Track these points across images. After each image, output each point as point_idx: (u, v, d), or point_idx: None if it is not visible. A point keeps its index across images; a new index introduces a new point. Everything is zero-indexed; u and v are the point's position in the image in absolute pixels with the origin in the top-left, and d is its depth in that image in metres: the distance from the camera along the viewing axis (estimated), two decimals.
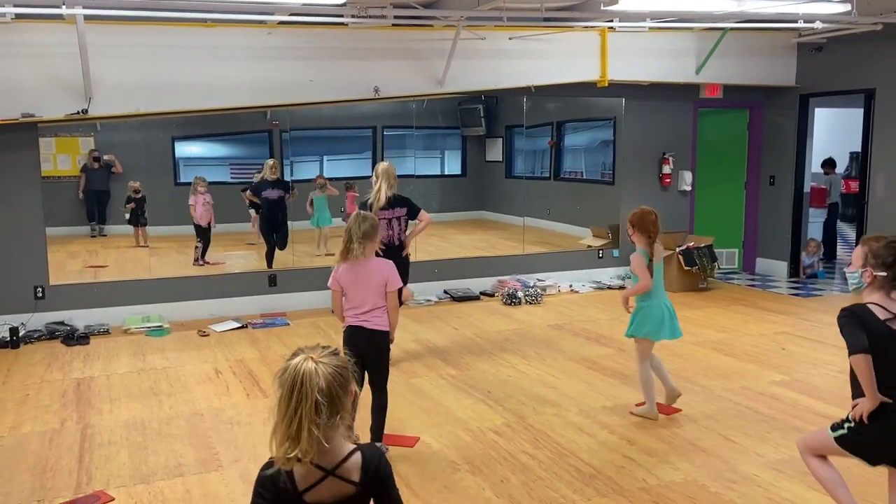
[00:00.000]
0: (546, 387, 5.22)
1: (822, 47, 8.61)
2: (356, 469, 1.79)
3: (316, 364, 1.74)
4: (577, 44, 7.99)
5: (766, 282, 8.98)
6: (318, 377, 1.72)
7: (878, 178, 8.15)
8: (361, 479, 1.79)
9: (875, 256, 2.69)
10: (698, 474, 3.83)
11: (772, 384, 5.22)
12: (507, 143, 9.74)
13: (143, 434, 4.44)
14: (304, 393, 1.70)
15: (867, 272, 2.70)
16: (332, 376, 1.74)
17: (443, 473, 3.86)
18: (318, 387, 1.71)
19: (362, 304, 3.92)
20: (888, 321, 2.65)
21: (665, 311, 4.47)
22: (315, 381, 1.71)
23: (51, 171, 7.13)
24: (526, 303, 7.81)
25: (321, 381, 1.72)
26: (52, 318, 6.77)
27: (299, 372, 1.72)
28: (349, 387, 1.79)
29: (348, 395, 1.79)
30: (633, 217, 4.50)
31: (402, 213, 5.54)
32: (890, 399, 2.64)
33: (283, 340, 6.47)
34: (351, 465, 1.79)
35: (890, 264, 2.66)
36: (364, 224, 3.91)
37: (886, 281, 2.68)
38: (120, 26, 6.46)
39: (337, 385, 1.75)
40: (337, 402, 1.75)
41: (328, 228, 8.57)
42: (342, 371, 1.77)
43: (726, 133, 9.56)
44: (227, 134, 8.68)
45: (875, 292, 2.70)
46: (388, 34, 7.37)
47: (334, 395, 1.74)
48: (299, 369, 1.73)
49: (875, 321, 2.65)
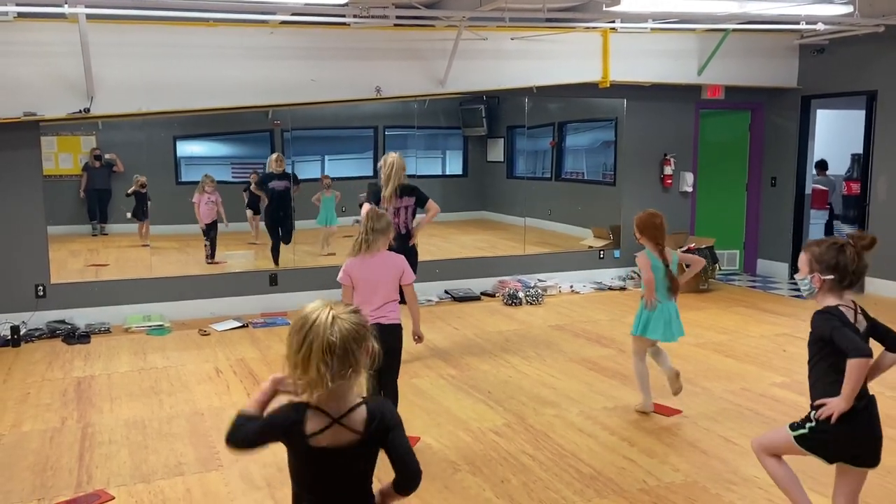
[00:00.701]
0: (546, 387, 5.22)
1: (824, 49, 8.61)
2: (360, 420, 1.86)
3: (333, 317, 1.80)
4: (578, 44, 7.99)
5: (766, 283, 8.97)
6: (332, 328, 1.78)
7: (880, 179, 8.15)
8: (364, 430, 1.86)
9: (819, 261, 2.70)
10: (699, 476, 3.83)
11: (773, 386, 5.22)
12: (508, 144, 9.74)
13: (144, 433, 4.44)
14: (316, 333, 1.77)
15: (815, 277, 2.71)
16: (347, 331, 1.79)
17: (443, 474, 3.86)
18: (330, 333, 1.77)
19: (373, 299, 3.87)
20: (854, 324, 2.67)
21: (670, 314, 4.48)
22: (326, 327, 1.77)
23: (52, 169, 7.14)
24: (527, 303, 7.82)
25: (335, 332, 1.78)
26: (53, 316, 6.78)
27: (313, 315, 1.80)
28: (366, 344, 1.84)
29: (363, 353, 1.84)
30: (638, 221, 4.49)
31: (411, 202, 5.59)
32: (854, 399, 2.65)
33: (283, 340, 6.42)
34: (356, 416, 1.86)
35: (834, 266, 2.67)
36: (378, 222, 3.93)
37: (835, 283, 2.68)
38: (122, 25, 6.46)
39: (352, 339, 1.80)
40: (350, 357, 1.80)
41: (334, 228, 8.62)
42: (359, 329, 1.82)
43: (728, 134, 9.56)
44: (229, 133, 8.69)
45: (828, 296, 2.71)
46: (389, 34, 7.38)
47: (348, 349, 1.79)
48: (314, 314, 1.80)
49: (847, 323, 2.65)
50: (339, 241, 8.72)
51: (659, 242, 4.42)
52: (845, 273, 2.66)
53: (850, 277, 2.67)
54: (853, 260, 2.66)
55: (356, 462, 1.90)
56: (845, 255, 2.66)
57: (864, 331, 2.69)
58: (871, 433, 2.72)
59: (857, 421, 2.66)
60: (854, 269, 2.66)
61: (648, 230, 4.43)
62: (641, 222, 4.47)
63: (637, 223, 4.50)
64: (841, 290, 2.70)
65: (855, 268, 2.66)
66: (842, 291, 2.70)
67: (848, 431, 2.67)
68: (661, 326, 4.48)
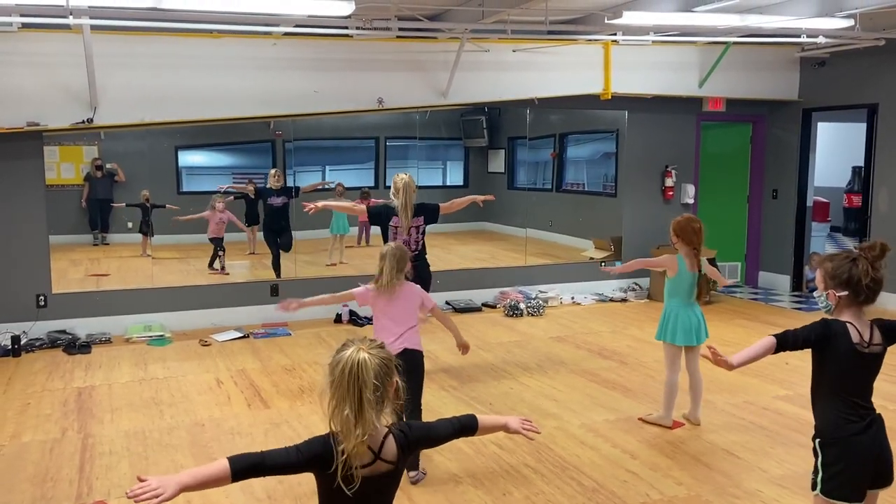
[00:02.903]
0: (548, 399, 5.20)
1: (825, 62, 8.64)
2: (392, 451, 2.03)
3: (367, 354, 1.95)
4: (580, 57, 8.02)
5: (768, 295, 8.97)
6: (370, 366, 1.94)
7: (881, 192, 8.15)
8: (398, 458, 2.04)
9: (832, 277, 2.64)
10: (702, 489, 3.82)
11: (775, 399, 5.20)
12: (509, 155, 9.76)
13: (144, 444, 4.42)
14: (364, 380, 1.92)
15: (831, 294, 2.65)
16: (378, 367, 1.95)
17: (445, 487, 3.85)
18: (374, 373, 1.93)
19: (394, 329, 3.93)
20: (857, 345, 2.60)
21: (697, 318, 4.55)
22: (370, 368, 1.93)
23: (54, 179, 7.15)
24: (528, 314, 7.80)
25: (372, 369, 1.94)
26: (53, 326, 6.77)
27: (356, 361, 1.93)
28: (393, 378, 2.00)
29: (390, 386, 2.00)
30: (675, 225, 4.52)
31: (421, 220, 5.59)
32: (854, 418, 2.60)
33: (284, 351, 6.46)
34: (388, 448, 2.02)
35: (846, 281, 2.60)
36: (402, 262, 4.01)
37: (850, 299, 2.62)
38: (126, 36, 6.49)
39: (383, 374, 1.96)
40: (382, 391, 1.96)
41: (346, 237, 8.65)
42: (388, 363, 1.99)
43: (729, 146, 9.58)
44: (231, 143, 8.71)
45: (845, 311, 2.65)
46: (392, 46, 7.40)
47: (382, 383, 1.96)
48: (355, 359, 1.93)
49: (845, 340, 2.60)
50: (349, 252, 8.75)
51: (695, 247, 4.46)
52: (859, 288, 2.59)
53: (865, 292, 2.59)
54: (866, 273, 2.58)
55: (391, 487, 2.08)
56: (858, 269, 2.59)
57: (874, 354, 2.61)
58: (879, 453, 2.64)
59: (862, 443, 2.60)
60: (868, 282, 2.58)
61: (686, 234, 4.47)
62: (679, 226, 4.50)
63: (674, 226, 4.52)
64: (858, 306, 2.63)
65: (869, 281, 2.58)
66: (859, 307, 2.63)
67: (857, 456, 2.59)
68: (682, 331, 4.52)
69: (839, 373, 2.62)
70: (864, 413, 2.62)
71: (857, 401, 2.63)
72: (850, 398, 2.62)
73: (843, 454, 2.60)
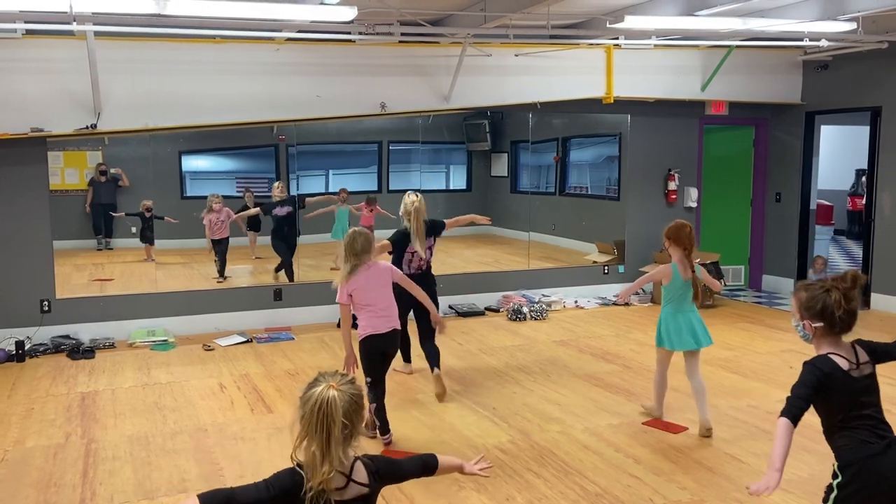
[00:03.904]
0: (551, 403, 5.20)
1: (828, 65, 8.63)
2: (363, 474, 2.09)
3: (337, 391, 1.99)
4: (582, 61, 8.02)
5: (772, 299, 8.95)
6: (339, 404, 1.97)
7: (885, 195, 8.14)
8: (370, 482, 2.10)
9: (806, 309, 2.59)
10: (705, 494, 3.81)
11: (779, 403, 5.08)
12: (512, 159, 9.77)
13: (148, 449, 4.43)
14: (333, 418, 1.96)
15: (806, 324, 2.60)
16: (348, 404, 1.99)
17: (448, 491, 3.84)
18: (343, 411, 1.97)
19: (377, 301, 4.23)
20: (849, 371, 2.55)
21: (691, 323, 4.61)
22: (339, 407, 1.97)
23: (58, 184, 7.18)
24: (531, 318, 7.80)
25: (341, 407, 1.97)
26: (57, 331, 6.78)
27: (325, 399, 1.97)
28: (362, 412, 2.05)
29: (360, 421, 2.05)
30: (668, 230, 4.67)
31: (433, 241, 5.53)
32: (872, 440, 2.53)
33: (287, 355, 6.46)
34: (358, 471, 2.08)
35: (819, 312, 2.54)
36: (355, 245, 4.24)
37: (826, 329, 2.56)
38: (129, 42, 6.51)
39: (352, 411, 2.00)
40: (350, 426, 2.00)
41: None
42: (358, 399, 2.03)
43: (732, 150, 9.57)
44: (234, 148, 8.73)
45: (822, 342, 2.60)
46: (395, 50, 7.42)
47: (350, 420, 2.00)
48: (324, 397, 1.97)
49: (838, 372, 2.54)
50: None
51: (687, 248, 4.60)
52: (833, 319, 2.53)
53: (839, 324, 2.54)
54: (839, 304, 2.51)
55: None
56: (830, 300, 2.52)
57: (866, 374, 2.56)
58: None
59: (881, 465, 2.51)
60: (841, 314, 2.52)
61: (678, 237, 4.60)
62: (671, 231, 4.65)
63: (666, 232, 4.67)
64: (836, 336, 2.57)
65: (842, 313, 2.52)
66: (837, 337, 2.58)
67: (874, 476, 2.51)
68: (679, 337, 4.59)
69: (844, 403, 2.56)
70: (881, 434, 2.55)
71: (871, 423, 2.56)
72: (862, 423, 2.55)
73: (860, 474, 2.52)
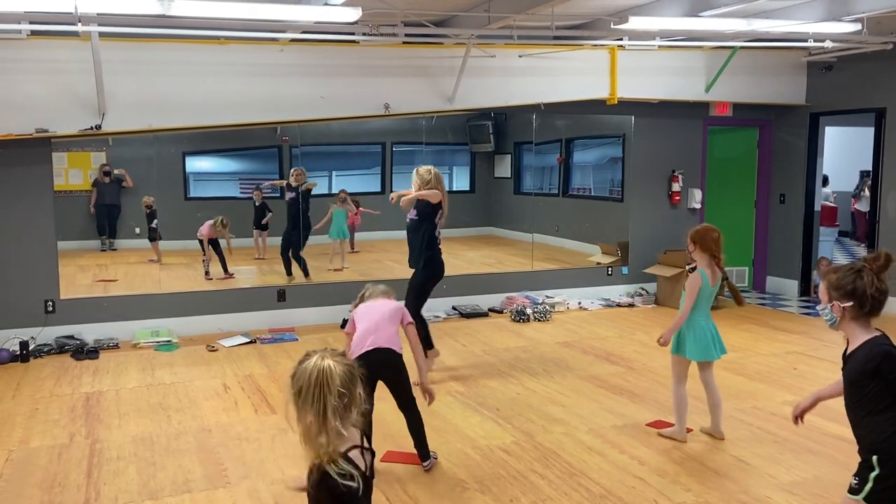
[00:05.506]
0: (555, 405, 5.19)
1: (833, 66, 8.62)
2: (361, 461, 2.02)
3: (332, 360, 1.94)
4: (586, 62, 8.02)
5: (776, 300, 8.93)
6: (336, 372, 1.92)
7: (889, 196, 8.12)
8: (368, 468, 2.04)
9: (837, 289, 2.57)
10: (710, 496, 3.80)
11: (784, 405, 5.17)
12: (515, 160, 9.77)
13: (152, 449, 4.43)
14: (329, 387, 1.90)
15: (835, 306, 2.59)
16: (344, 374, 1.94)
17: (451, 492, 3.84)
18: (340, 380, 1.91)
19: (375, 329, 4.00)
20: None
21: (708, 332, 4.40)
22: (335, 375, 1.91)
23: (62, 185, 7.18)
24: (534, 319, 7.79)
25: (338, 375, 1.92)
26: (61, 332, 6.78)
27: (320, 369, 1.91)
28: (357, 387, 1.98)
29: (356, 394, 1.98)
30: (694, 234, 4.38)
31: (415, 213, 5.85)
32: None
33: (291, 356, 6.45)
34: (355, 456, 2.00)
35: (851, 292, 2.54)
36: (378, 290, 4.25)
37: (856, 310, 2.55)
38: (134, 43, 6.52)
39: (349, 380, 1.95)
40: (349, 398, 1.94)
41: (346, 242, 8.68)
42: (352, 370, 1.98)
43: (736, 151, 9.56)
44: (238, 149, 8.75)
45: (852, 325, 2.59)
46: (398, 52, 7.42)
47: (348, 389, 1.94)
48: (320, 366, 1.92)
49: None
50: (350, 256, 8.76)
51: (715, 256, 4.33)
52: (864, 298, 2.52)
53: (870, 303, 2.53)
54: (871, 283, 2.52)
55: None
56: (863, 280, 2.52)
57: None
58: None
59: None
60: (873, 292, 2.52)
61: (705, 243, 4.32)
62: (698, 235, 4.35)
63: (693, 235, 4.38)
64: (865, 318, 2.57)
65: (874, 291, 2.52)
66: (867, 319, 2.58)
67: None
68: (699, 345, 4.38)
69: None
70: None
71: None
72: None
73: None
